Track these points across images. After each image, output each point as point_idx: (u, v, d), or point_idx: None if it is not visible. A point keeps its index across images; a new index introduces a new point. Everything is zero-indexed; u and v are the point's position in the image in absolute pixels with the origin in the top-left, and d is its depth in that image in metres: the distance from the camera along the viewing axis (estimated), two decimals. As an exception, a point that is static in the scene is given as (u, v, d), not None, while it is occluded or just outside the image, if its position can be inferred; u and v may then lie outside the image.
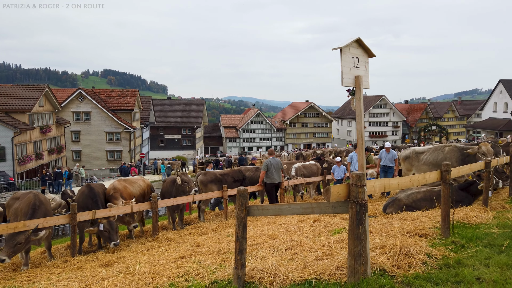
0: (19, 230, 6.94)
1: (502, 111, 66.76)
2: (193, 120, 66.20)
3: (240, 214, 4.63)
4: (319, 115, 73.90)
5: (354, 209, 4.14)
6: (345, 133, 78.09)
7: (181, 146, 65.93)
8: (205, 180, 11.14)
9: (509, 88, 65.58)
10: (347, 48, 4.13)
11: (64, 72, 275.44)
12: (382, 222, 7.47)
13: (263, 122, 72.55)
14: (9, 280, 6.60)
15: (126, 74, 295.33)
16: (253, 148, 71.04)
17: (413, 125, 78.66)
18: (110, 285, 5.21)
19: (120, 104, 46.70)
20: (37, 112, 33.94)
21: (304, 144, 71.61)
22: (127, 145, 45.81)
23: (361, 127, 4.51)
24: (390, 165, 12.03)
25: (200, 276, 5.27)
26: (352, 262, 4.20)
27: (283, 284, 4.48)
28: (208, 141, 76.14)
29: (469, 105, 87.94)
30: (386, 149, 12.37)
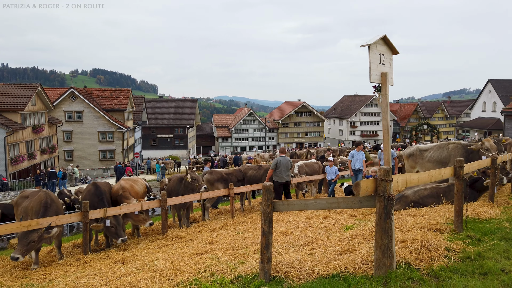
0: (32, 228, 6.92)
1: (491, 110, 67.73)
2: (185, 119, 65.97)
3: (266, 209, 4.69)
4: (311, 115, 74.20)
5: (382, 203, 4.23)
6: (336, 132, 78.51)
7: (174, 145, 65.66)
8: (212, 179, 11.17)
9: (498, 88, 66.59)
10: (374, 45, 4.22)
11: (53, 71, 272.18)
12: (395, 218, 7.57)
13: (256, 121, 72.63)
14: (23, 278, 6.58)
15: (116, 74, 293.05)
16: (245, 148, 71.05)
17: (404, 124, 79.40)
18: (133, 281, 5.23)
19: (112, 104, 46.35)
20: (29, 111, 33.55)
21: (297, 143, 71.83)
22: (120, 144, 45.49)
23: (387, 122, 4.60)
24: None
25: (222, 271, 5.32)
26: (380, 255, 4.29)
27: (309, 277, 4.55)
28: (201, 140, 75.97)
29: (458, 104, 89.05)
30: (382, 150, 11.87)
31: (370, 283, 4.12)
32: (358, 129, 75.55)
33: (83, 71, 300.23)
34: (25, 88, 34.51)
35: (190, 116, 66.58)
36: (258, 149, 69.03)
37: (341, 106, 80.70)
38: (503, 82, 67.80)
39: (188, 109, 67.49)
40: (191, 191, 9.85)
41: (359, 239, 6.06)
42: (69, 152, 44.83)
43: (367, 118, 76.32)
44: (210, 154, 62.13)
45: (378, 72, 4.30)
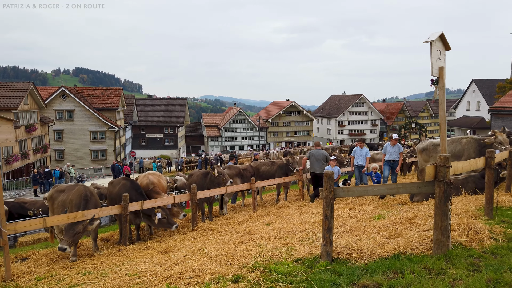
0: (78, 219, 7.10)
1: (475, 109, 69.47)
2: (175, 119, 65.84)
3: (328, 196, 5.00)
4: (300, 114, 74.88)
5: (442, 188, 4.60)
6: (325, 131, 79.37)
7: (163, 145, 65.47)
8: (231, 174, 11.46)
9: (482, 88, 68.34)
10: (434, 42, 4.58)
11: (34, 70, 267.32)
12: (419, 208, 7.98)
13: (245, 121, 72.91)
14: (72, 268, 6.74)
15: (99, 73, 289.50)
16: (235, 147, 71.30)
17: (391, 123, 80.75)
18: (194, 265, 5.45)
19: (104, 103, 46.06)
20: (22, 110, 33.17)
21: (286, 142, 72.38)
22: (112, 144, 45.26)
23: (444, 113, 4.99)
24: (396, 159, 11.19)
25: (276, 256, 5.61)
26: (439, 236, 4.65)
27: (371, 258, 4.88)
28: (190, 140, 75.90)
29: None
30: (392, 141, 11.41)
31: (433, 260, 4.47)
32: (346, 128, 76.53)
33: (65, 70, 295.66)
34: (18, 87, 34.10)
35: (180, 116, 66.49)
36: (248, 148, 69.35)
37: (329, 105, 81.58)
38: (486, 82, 69.58)
39: (177, 109, 67.36)
40: (217, 185, 10.12)
41: (398, 226, 6.43)
42: (60, 151, 44.39)
43: (355, 117, 77.37)
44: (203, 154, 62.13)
45: (436, 67, 4.67)
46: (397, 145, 11.30)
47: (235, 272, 5.00)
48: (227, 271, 5.08)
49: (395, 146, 11.25)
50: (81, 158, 44.69)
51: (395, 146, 11.25)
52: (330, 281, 4.23)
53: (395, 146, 11.25)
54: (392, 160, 11.24)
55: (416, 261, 4.52)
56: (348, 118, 76.65)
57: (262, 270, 5.03)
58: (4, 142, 6.11)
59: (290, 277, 4.56)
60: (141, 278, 5.24)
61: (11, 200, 17.37)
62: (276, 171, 13.13)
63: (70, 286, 5.27)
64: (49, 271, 6.56)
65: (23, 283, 5.91)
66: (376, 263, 4.65)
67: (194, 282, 4.81)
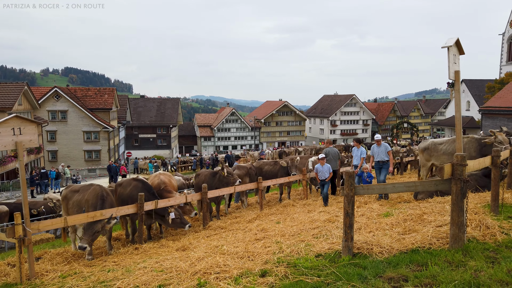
0: (97, 219, 7.25)
1: (465, 109, 70.51)
2: (168, 119, 65.74)
3: (349, 193, 5.24)
4: (293, 114, 75.26)
5: (459, 185, 4.86)
6: (317, 131, 79.85)
7: (156, 145, 65.34)
8: (241, 174, 11.67)
9: (471, 88, 69.42)
10: (451, 47, 4.84)
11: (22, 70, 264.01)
12: (425, 206, 8.25)
13: (238, 121, 73.07)
14: (92, 266, 6.89)
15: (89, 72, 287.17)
16: (228, 147, 71.38)
17: (382, 123, 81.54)
18: (219, 261, 5.65)
19: (97, 103, 45.90)
20: (16, 111, 32.93)
21: (279, 142, 72.69)
22: (106, 144, 45.13)
23: (459, 114, 5.25)
24: (385, 159, 10.84)
25: (296, 252, 5.83)
26: (456, 231, 4.92)
27: (390, 253, 5.13)
28: (183, 140, 75.82)
29: (433, 103, 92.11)
30: (377, 142, 11.15)
31: (451, 254, 4.73)
32: (338, 128, 77.11)
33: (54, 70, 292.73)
34: (12, 87, 33.85)
35: (173, 116, 66.40)
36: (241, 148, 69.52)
37: (321, 105, 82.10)
38: (475, 82, 70.68)
39: (170, 109, 67.27)
40: (225, 185, 10.31)
41: (410, 222, 6.69)
42: (53, 152, 44.14)
43: (347, 117, 77.99)
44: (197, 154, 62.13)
45: (452, 70, 4.94)
46: (383, 145, 11.04)
47: (260, 267, 5.22)
48: (252, 266, 5.29)
49: (382, 146, 11.00)
50: (74, 158, 44.47)
51: (382, 146, 11.00)
52: (357, 274, 4.46)
53: (381, 146, 11.00)
54: (381, 161, 10.96)
55: (436, 255, 4.77)
56: (340, 118, 77.24)
57: (286, 265, 5.25)
58: (28, 143, 6.25)
59: (316, 271, 4.79)
60: (168, 274, 5.43)
61: (12, 202, 17.37)
62: (279, 171, 13.36)
63: (99, 282, 5.42)
64: (70, 269, 6.70)
65: (48, 281, 6.05)
66: (397, 257, 4.89)
67: (222, 277, 5.01)
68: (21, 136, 6.11)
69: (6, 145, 5.98)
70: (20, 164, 6.14)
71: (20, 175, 6.12)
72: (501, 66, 70.22)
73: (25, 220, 6.16)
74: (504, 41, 70.17)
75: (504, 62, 70.27)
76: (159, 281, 5.13)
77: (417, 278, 4.10)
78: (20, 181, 6.10)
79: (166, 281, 5.07)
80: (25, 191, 6.17)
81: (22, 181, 6.16)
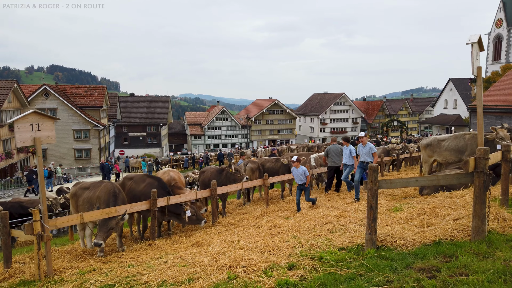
0: (111, 215, 7.22)
1: (452, 107, 71.64)
2: (158, 117, 65.31)
3: (373, 187, 5.32)
4: (283, 112, 75.42)
5: (482, 178, 4.98)
6: (307, 129, 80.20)
7: (146, 144, 64.84)
8: (254, 168, 11.84)
9: (458, 86, 70.47)
10: (475, 44, 4.96)
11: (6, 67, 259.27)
12: (434, 200, 8.41)
13: (228, 119, 72.97)
14: (108, 262, 6.86)
15: (75, 70, 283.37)
16: (218, 145, 71.27)
17: (371, 121, 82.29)
18: (242, 256, 5.67)
19: (88, 101, 45.39)
20: (5, 109, 32.46)
21: (269, 140, 72.82)
22: (96, 143, 44.64)
23: (481, 109, 5.37)
24: (368, 161, 10.21)
25: (317, 246, 5.90)
26: (479, 223, 5.04)
27: (414, 245, 5.23)
28: (172, 138, 75.43)
29: (420, 102, 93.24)
30: (361, 140, 10.55)
31: (475, 245, 4.85)
32: (328, 126, 77.56)
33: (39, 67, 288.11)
34: (1, 85, 33.33)
35: (163, 114, 66.00)
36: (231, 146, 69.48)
37: (311, 103, 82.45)
38: (463, 81, 71.66)
39: (160, 107, 66.85)
40: (233, 181, 10.34)
41: (424, 216, 6.82)
42: (42, 151, 43.45)
43: (336, 116, 78.48)
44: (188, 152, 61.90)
45: (475, 66, 5.06)
46: (368, 145, 10.41)
47: (285, 261, 5.27)
48: (277, 260, 5.35)
49: (367, 147, 10.36)
50: (64, 157, 43.88)
51: (367, 147, 10.36)
52: (387, 265, 4.54)
53: (367, 146, 10.37)
54: (364, 161, 10.34)
55: (460, 246, 4.89)
56: (330, 116, 77.68)
57: (310, 258, 5.31)
58: (46, 139, 6.20)
59: (344, 263, 4.87)
60: (192, 268, 5.45)
61: (7, 201, 17.12)
62: (280, 168, 13.43)
63: (123, 277, 5.41)
64: (87, 265, 6.66)
65: (67, 277, 6.01)
66: (421, 249, 4.99)
67: (250, 270, 5.05)
68: (39, 132, 6.06)
69: (25, 141, 5.93)
70: (39, 160, 6.08)
71: (38, 171, 6.07)
72: (487, 65, 71.49)
73: (43, 216, 6.11)
74: (490, 41, 71.45)
75: (490, 61, 71.54)
76: (186, 275, 5.15)
77: (449, 269, 4.20)
78: (38, 177, 6.04)
79: (194, 275, 5.09)
80: (43, 187, 6.12)
81: (40, 177, 6.11)
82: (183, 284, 4.80)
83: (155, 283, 4.94)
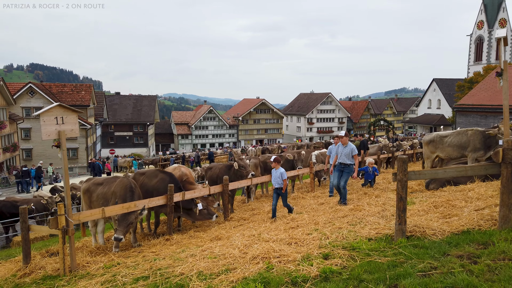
0: (131, 210, 7.18)
1: (436, 107, 73.01)
2: (145, 116, 64.78)
3: (403, 178, 5.43)
4: (270, 112, 75.65)
5: (510, 169, 5.13)
6: (294, 129, 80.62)
7: (133, 143, 64.25)
8: (257, 164, 11.89)
9: (442, 86, 71.86)
10: (501, 39, 5.12)
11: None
12: (444, 194, 8.60)
13: (216, 118, 72.81)
14: (128, 257, 6.82)
15: (56, 69, 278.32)
16: (205, 145, 71.04)
17: (357, 121, 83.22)
18: (272, 247, 5.71)
19: (74, 100, 44.73)
20: (-9, 107, 31.78)
21: (256, 140, 72.94)
22: (84, 142, 44.03)
23: (507, 102, 5.54)
24: (348, 163, 9.27)
25: (343, 237, 5.98)
26: (507, 212, 5.19)
27: (443, 235, 5.36)
28: (159, 138, 74.85)
29: (404, 102, 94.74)
30: (341, 140, 9.41)
31: (505, 233, 5.00)
32: (315, 126, 78.13)
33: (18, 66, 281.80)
34: (-14, 82, 32.57)
35: (150, 113, 65.49)
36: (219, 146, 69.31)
37: (298, 103, 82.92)
38: (446, 81, 73.14)
39: (147, 106, 66.30)
40: (240, 177, 10.38)
41: (441, 208, 6.98)
42: (27, 150, 42.67)
43: (323, 115, 79.13)
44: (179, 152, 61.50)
45: (502, 60, 5.22)
46: (349, 146, 9.40)
47: (317, 251, 5.33)
48: (309, 251, 5.40)
49: (347, 147, 9.35)
50: (50, 157, 43.00)
51: (347, 147, 9.35)
52: (424, 253, 4.65)
53: (347, 147, 9.36)
54: (343, 163, 9.34)
55: (491, 235, 5.03)
56: (317, 116, 78.27)
57: (341, 248, 5.39)
58: (70, 132, 6.14)
59: (379, 252, 4.95)
60: (224, 260, 5.46)
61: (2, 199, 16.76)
62: (283, 165, 13.52)
63: (156, 269, 5.39)
64: (109, 260, 6.61)
65: (94, 271, 5.96)
66: (453, 238, 5.12)
67: (285, 260, 5.09)
68: (63, 125, 5.99)
69: (50, 134, 5.86)
70: (63, 154, 6.01)
71: (63, 165, 6.00)
72: (469, 66, 73.10)
73: (67, 211, 6.05)
74: (471, 42, 73.08)
75: (471, 62, 73.15)
76: (220, 266, 5.16)
77: (488, 255, 4.33)
78: (63, 171, 5.97)
79: (229, 266, 5.11)
80: (67, 181, 6.06)
81: (65, 171, 6.04)
82: (222, 274, 4.81)
83: (192, 274, 4.95)
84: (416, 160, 22.84)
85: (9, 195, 21.79)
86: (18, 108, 41.23)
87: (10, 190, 27.66)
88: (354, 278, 4.16)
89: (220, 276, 4.79)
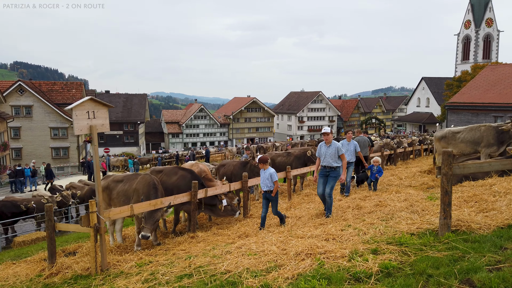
0: (158, 207, 6.99)
1: (425, 105, 73.83)
2: (135, 115, 64.07)
3: (448, 172, 5.36)
4: (261, 110, 75.55)
5: (557, 161, 5.11)
6: (285, 127, 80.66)
7: (123, 142, 63.51)
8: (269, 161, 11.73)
9: (430, 85, 72.69)
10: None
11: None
12: (466, 189, 8.56)
13: (207, 117, 72.43)
14: (160, 255, 6.64)
15: (41, 67, 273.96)
16: (196, 144, 70.60)
17: (347, 119, 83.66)
18: (315, 244, 5.58)
19: (65, 98, 43.92)
20: (-19, 105, 30.99)
21: (247, 138, 72.77)
22: (75, 141, 43.31)
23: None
24: (334, 166, 8.02)
25: (381, 233, 5.88)
26: (553, 205, 5.17)
27: (489, 229, 5.30)
28: (149, 137, 74.13)
29: (393, 100, 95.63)
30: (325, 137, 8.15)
31: (555, 226, 4.98)
32: (306, 124, 78.29)
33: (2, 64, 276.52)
34: (-24, 79, 31.74)
35: (140, 112, 64.82)
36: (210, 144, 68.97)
37: (288, 102, 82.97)
38: (435, 80, 74.00)
39: (137, 105, 65.60)
40: (256, 174, 10.24)
41: (471, 203, 6.96)
42: (17, 150, 41.79)
43: (314, 114, 79.33)
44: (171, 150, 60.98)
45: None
46: (333, 144, 8.13)
47: (363, 247, 5.22)
48: (354, 246, 5.29)
49: (331, 147, 8.10)
50: (40, 156, 42.25)
51: (331, 147, 8.10)
52: (481, 247, 4.58)
53: (331, 146, 8.10)
54: (328, 166, 8.09)
55: (540, 227, 5.00)
56: (308, 115, 78.44)
57: (386, 243, 5.29)
58: (100, 127, 5.93)
59: (430, 247, 4.86)
60: (266, 256, 5.30)
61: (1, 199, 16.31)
62: (293, 162, 13.41)
63: (197, 267, 5.22)
64: (139, 259, 6.41)
65: (127, 270, 5.77)
66: (502, 232, 5.06)
67: (332, 257, 4.97)
68: (94, 120, 5.78)
69: (82, 129, 5.63)
70: (95, 149, 5.79)
71: (94, 161, 5.78)
72: (457, 64, 74.05)
73: (98, 208, 5.84)
74: (459, 41, 74.02)
75: (459, 61, 74.09)
76: (264, 263, 5.01)
77: (550, 247, 4.28)
78: (94, 168, 5.76)
79: (276, 262, 4.97)
80: (98, 179, 5.84)
81: (96, 168, 5.82)
82: (273, 271, 4.67)
83: (240, 271, 4.79)
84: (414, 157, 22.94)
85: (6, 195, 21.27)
86: (7, 107, 40.30)
87: (3, 190, 27.03)
88: (420, 273, 4.06)
89: (272, 272, 4.65)
